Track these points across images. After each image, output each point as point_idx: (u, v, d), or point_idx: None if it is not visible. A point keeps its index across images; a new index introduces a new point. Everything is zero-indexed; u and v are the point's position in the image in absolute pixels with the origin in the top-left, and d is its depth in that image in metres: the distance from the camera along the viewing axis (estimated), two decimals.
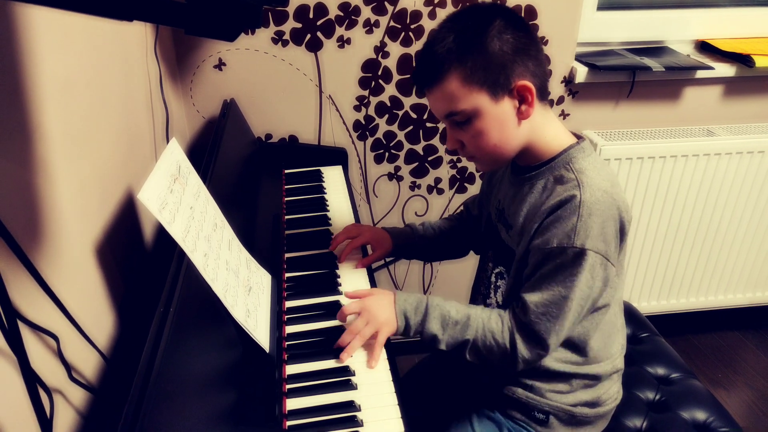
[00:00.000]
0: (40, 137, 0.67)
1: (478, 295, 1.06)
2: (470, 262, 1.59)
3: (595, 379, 0.94)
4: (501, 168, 1.02)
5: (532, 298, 0.85)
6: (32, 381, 0.56)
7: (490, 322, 0.89)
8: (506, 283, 0.97)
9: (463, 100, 0.82)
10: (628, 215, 0.85)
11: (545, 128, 0.88)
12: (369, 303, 0.92)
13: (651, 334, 1.24)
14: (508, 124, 0.84)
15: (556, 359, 0.92)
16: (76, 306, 0.71)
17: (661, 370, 1.15)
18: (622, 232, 0.85)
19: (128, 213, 0.94)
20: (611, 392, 0.97)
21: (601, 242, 0.81)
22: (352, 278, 1.09)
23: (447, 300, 0.93)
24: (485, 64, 0.80)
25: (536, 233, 0.85)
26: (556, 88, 1.60)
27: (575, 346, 0.92)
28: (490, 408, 0.99)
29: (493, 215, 1.02)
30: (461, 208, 1.23)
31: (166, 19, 0.48)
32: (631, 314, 1.28)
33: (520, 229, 0.90)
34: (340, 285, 1.07)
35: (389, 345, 0.92)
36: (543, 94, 0.86)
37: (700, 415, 1.04)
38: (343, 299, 1.03)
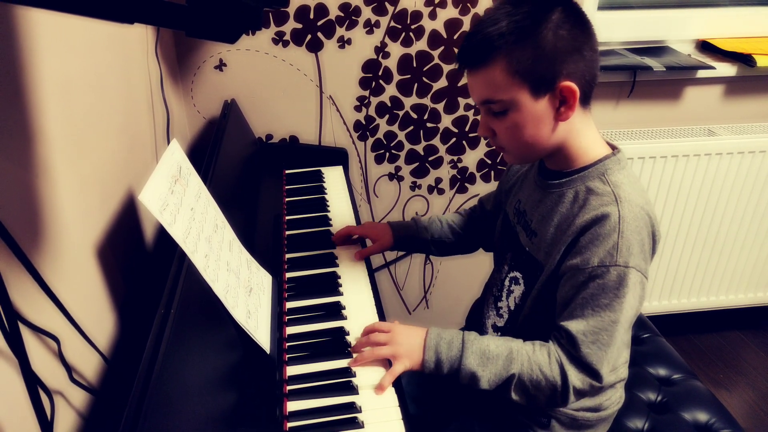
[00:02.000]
0: (40, 138, 0.67)
1: (490, 295, 1.03)
2: (472, 262, 1.59)
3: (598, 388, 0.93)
4: (528, 164, 0.98)
5: (578, 326, 0.79)
6: (33, 383, 0.56)
7: (536, 355, 0.82)
8: (521, 290, 0.94)
9: (504, 89, 0.79)
10: (659, 232, 0.82)
11: (582, 134, 0.84)
12: (399, 328, 0.89)
13: (652, 335, 1.24)
14: (545, 123, 0.81)
15: None
16: (77, 307, 0.71)
17: (662, 371, 1.15)
18: (653, 251, 0.82)
19: (129, 214, 0.94)
20: (614, 398, 0.96)
21: (641, 260, 0.78)
22: (352, 278, 1.09)
23: (483, 336, 0.87)
24: (534, 58, 0.76)
25: (571, 251, 0.81)
26: None
27: None
28: (492, 411, 0.99)
29: (511, 215, 0.99)
30: (475, 203, 1.20)
31: (167, 21, 0.48)
32: None
33: (549, 242, 0.86)
34: (340, 286, 1.06)
35: None
36: (586, 99, 0.83)
37: (702, 417, 1.04)
38: (343, 300, 1.03)
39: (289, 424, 0.79)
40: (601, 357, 0.79)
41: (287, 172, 1.48)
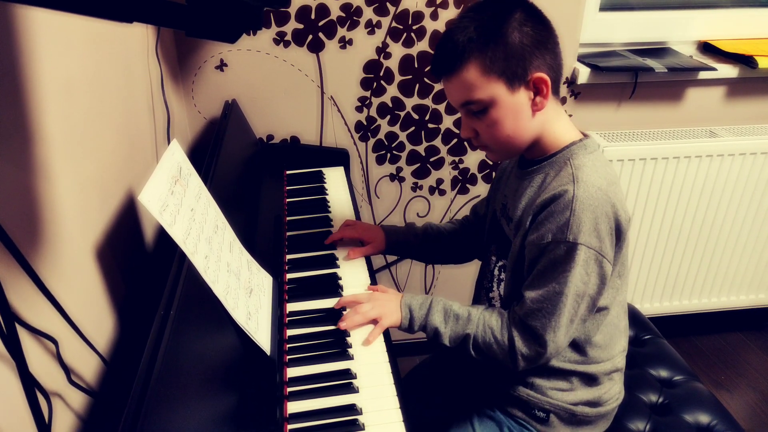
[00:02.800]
0: (40, 139, 0.66)
1: (481, 288, 1.07)
2: (473, 265, 1.58)
3: (594, 378, 0.94)
4: (512, 159, 1.02)
5: (529, 294, 0.86)
6: (30, 385, 0.55)
7: (491, 319, 0.90)
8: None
9: (481, 89, 0.83)
10: (625, 214, 0.85)
11: (555, 123, 0.89)
12: (377, 295, 0.99)
13: (654, 336, 1.24)
14: (523, 115, 0.86)
15: (557, 357, 0.92)
16: (76, 309, 0.70)
17: (663, 373, 1.14)
18: (619, 231, 0.85)
19: (129, 215, 0.93)
20: (612, 392, 0.97)
21: (594, 238, 0.82)
22: (353, 279, 1.08)
23: (450, 301, 0.95)
24: (505, 55, 0.81)
25: (530, 228, 0.87)
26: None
27: (576, 345, 0.92)
28: (491, 407, 0.99)
29: (498, 211, 1.02)
30: (469, 212, 1.22)
31: (167, 20, 0.48)
32: (633, 316, 1.28)
33: (517, 221, 0.91)
34: (341, 287, 1.06)
35: (390, 347, 0.92)
36: (556, 88, 0.88)
37: (704, 419, 1.03)
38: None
39: (290, 426, 0.79)
40: (545, 324, 0.85)
41: (288, 172, 1.48)
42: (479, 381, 1.03)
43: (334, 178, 1.46)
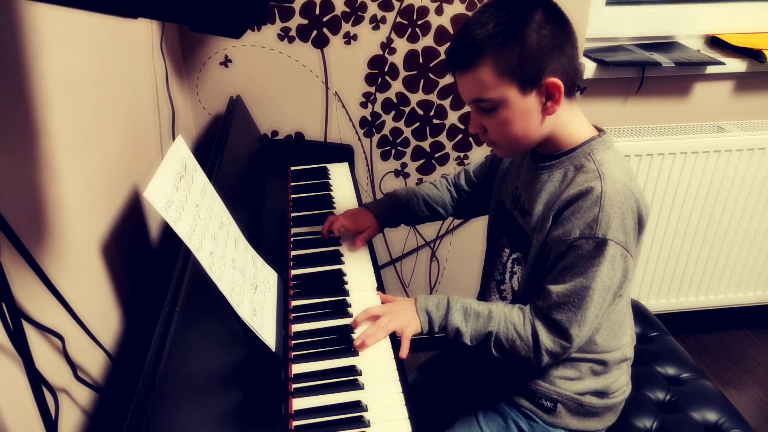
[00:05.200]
0: (45, 135, 0.66)
1: (491, 280, 1.05)
2: (479, 259, 1.58)
3: (603, 365, 0.94)
4: (520, 156, 1.02)
5: (555, 288, 0.85)
6: (37, 381, 0.55)
7: (512, 315, 0.89)
8: (523, 269, 0.97)
9: (493, 89, 0.82)
10: (646, 209, 0.85)
11: (568, 122, 0.88)
12: (391, 306, 0.96)
13: (661, 333, 1.23)
14: (532, 118, 0.85)
15: None
16: (82, 305, 0.70)
17: (671, 370, 1.14)
18: (640, 225, 0.85)
19: (134, 211, 0.93)
20: (620, 383, 0.97)
21: (621, 233, 0.82)
22: (358, 276, 1.08)
23: (468, 298, 0.94)
24: (520, 58, 0.80)
25: (555, 223, 0.86)
26: None
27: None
28: (495, 399, 0.99)
29: (508, 203, 1.02)
30: (457, 174, 1.23)
31: (171, 16, 0.47)
32: (640, 313, 1.27)
33: (539, 217, 0.90)
34: (346, 283, 1.06)
35: (396, 344, 0.92)
36: (571, 92, 0.87)
37: (711, 416, 1.03)
38: (349, 297, 1.02)
39: (295, 423, 0.79)
40: (571, 318, 0.84)
41: (293, 168, 1.47)
42: (485, 373, 1.03)
43: (338, 174, 1.45)
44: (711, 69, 1.60)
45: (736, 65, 1.60)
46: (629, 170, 0.86)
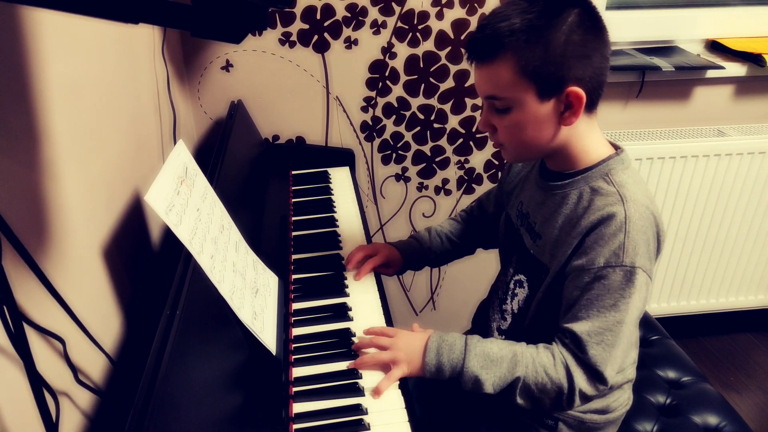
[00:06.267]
0: (47, 139, 0.67)
1: (495, 298, 1.02)
2: (479, 263, 1.58)
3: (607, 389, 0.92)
4: (526, 163, 0.98)
5: (583, 327, 0.78)
6: (38, 384, 0.56)
7: (540, 357, 0.80)
8: (525, 293, 0.93)
9: (509, 88, 0.77)
10: (663, 231, 0.81)
11: (585, 137, 0.83)
12: (403, 333, 0.88)
13: (662, 337, 1.23)
14: (546, 126, 0.79)
15: None
16: (83, 308, 0.71)
17: (672, 374, 1.13)
18: (658, 249, 0.81)
19: (136, 215, 0.94)
20: (622, 400, 0.96)
21: (647, 260, 0.77)
22: (359, 281, 1.08)
23: (486, 339, 0.85)
24: (543, 60, 0.74)
25: (576, 251, 0.80)
26: None
27: None
28: (499, 413, 0.98)
29: (513, 218, 0.98)
30: (473, 203, 1.20)
31: (172, 21, 0.48)
32: (641, 317, 1.27)
33: (554, 243, 0.85)
34: (347, 287, 1.06)
35: None
36: (592, 105, 0.81)
37: (712, 420, 1.03)
38: (350, 301, 1.02)
39: (295, 426, 0.79)
40: (606, 358, 0.78)
41: (294, 172, 1.48)
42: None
43: (339, 179, 1.46)
44: (711, 73, 1.61)
45: (736, 69, 1.61)
46: (648, 191, 0.81)
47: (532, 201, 0.92)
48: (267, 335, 0.86)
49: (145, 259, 0.97)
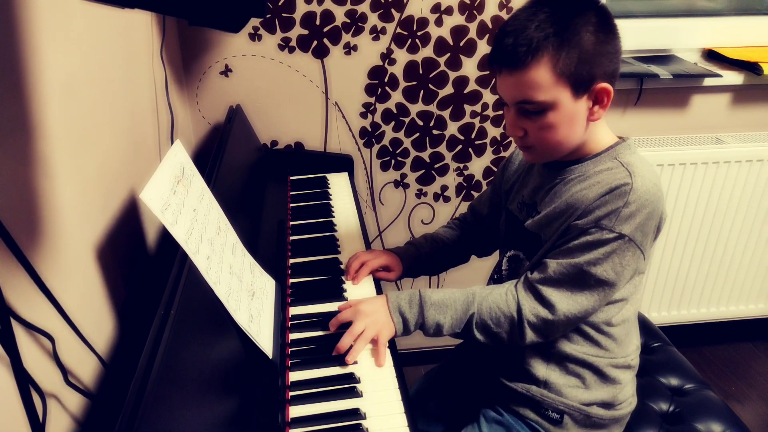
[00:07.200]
0: (41, 135, 0.66)
1: (491, 282, 1.05)
2: (480, 266, 1.57)
3: (610, 373, 0.92)
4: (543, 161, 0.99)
5: (554, 262, 0.83)
6: (25, 382, 0.54)
7: (493, 294, 0.88)
8: (523, 267, 0.94)
9: (546, 91, 0.79)
10: (665, 215, 0.85)
11: (599, 129, 0.87)
12: (362, 307, 0.91)
13: (663, 344, 1.21)
14: (577, 123, 0.83)
15: (572, 347, 0.90)
16: (75, 307, 0.69)
17: (674, 381, 1.12)
18: (658, 230, 0.84)
19: (131, 215, 0.92)
20: (626, 393, 0.95)
21: (639, 232, 0.80)
22: (357, 285, 1.07)
23: (440, 289, 0.92)
24: (578, 60, 0.78)
25: (579, 217, 0.83)
26: None
27: (593, 336, 0.90)
28: (499, 410, 0.96)
29: (515, 210, 0.99)
30: (465, 212, 1.20)
31: (170, 8, 0.47)
32: (643, 324, 1.25)
33: (555, 215, 0.87)
34: (345, 291, 1.05)
35: (394, 353, 0.90)
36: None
37: (716, 428, 1.01)
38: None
39: (292, 431, 0.77)
40: (560, 293, 0.83)
41: (292, 178, 1.47)
42: (488, 382, 1.00)
43: (338, 184, 1.45)
44: (708, 81, 1.61)
45: (733, 78, 1.61)
46: (655, 172, 0.84)
47: (537, 189, 0.94)
48: (263, 338, 0.84)
49: (140, 261, 0.96)
